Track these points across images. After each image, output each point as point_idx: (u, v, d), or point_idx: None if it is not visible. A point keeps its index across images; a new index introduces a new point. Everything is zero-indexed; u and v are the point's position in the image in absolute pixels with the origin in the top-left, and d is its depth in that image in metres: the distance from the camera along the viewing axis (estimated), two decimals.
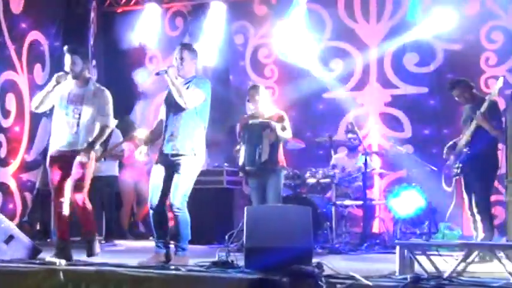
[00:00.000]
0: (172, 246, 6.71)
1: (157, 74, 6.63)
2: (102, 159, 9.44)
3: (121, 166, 10.56)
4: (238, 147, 8.42)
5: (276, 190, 8.17)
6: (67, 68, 6.79)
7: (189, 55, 6.71)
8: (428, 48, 10.82)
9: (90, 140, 6.72)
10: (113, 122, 7.00)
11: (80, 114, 6.70)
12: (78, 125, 6.70)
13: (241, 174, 9.00)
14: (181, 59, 6.67)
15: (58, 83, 6.73)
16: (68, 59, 6.80)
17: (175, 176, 6.50)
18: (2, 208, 9.72)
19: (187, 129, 6.57)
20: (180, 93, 6.46)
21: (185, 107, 6.50)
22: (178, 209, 6.44)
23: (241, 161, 8.28)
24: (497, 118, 7.45)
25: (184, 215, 6.51)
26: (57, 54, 10.78)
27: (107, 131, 6.93)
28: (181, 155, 6.52)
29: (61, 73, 6.75)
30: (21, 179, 10.36)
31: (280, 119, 8.32)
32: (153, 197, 6.63)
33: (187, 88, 6.60)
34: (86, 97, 6.77)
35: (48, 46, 10.93)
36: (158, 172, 6.68)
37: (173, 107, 6.63)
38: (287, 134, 8.30)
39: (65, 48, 6.92)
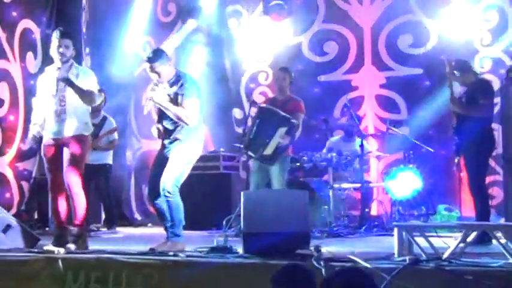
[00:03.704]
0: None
1: (147, 108, 6.63)
2: (91, 149, 9.38)
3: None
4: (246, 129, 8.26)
5: (279, 178, 8.09)
6: (56, 51, 6.64)
7: (161, 64, 6.50)
8: (423, 29, 10.78)
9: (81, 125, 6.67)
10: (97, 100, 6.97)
11: (65, 101, 6.59)
12: (65, 112, 6.59)
13: (244, 156, 8.95)
14: (157, 73, 6.50)
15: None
16: (60, 42, 6.65)
17: (168, 162, 6.47)
18: None
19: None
20: (176, 116, 6.42)
21: (190, 126, 6.48)
22: (169, 193, 6.37)
23: (245, 144, 8.18)
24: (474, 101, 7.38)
25: (176, 200, 6.46)
26: (49, 42, 10.74)
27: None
28: (177, 143, 6.51)
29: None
30: (18, 168, 10.34)
31: (296, 108, 8.25)
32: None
33: (175, 92, 6.49)
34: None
35: (40, 34, 10.87)
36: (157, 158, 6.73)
37: None
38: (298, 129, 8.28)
39: (58, 31, 6.74)
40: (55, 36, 6.66)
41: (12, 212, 9.49)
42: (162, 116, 6.66)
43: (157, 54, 6.58)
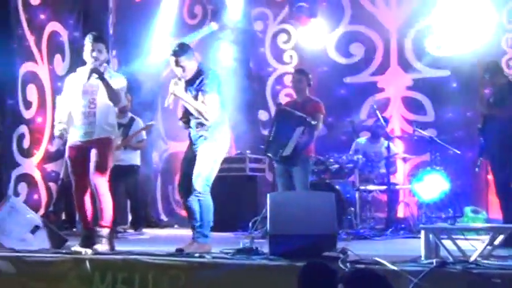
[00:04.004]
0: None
1: (169, 102, 6.53)
2: (122, 148, 9.48)
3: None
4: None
5: (302, 182, 8.07)
6: (89, 55, 6.69)
7: (187, 58, 6.49)
8: (450, 31, 10.71)
9: (109, 128, 6.71)
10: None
11: (95, 104, 6.64)
12: (94, 114, 6.62)
13: (268, 159, 8.98)
14: (182, 67, 6.48)
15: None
16: (93, 46, 6.64)
17: (197, 161, 6.47)
18: (27, 199, 9.79)
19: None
20: (197, 110, 6.42)
21: (208, 122, 6.46)
22: (200, 193, 6.38)
23: (266, 146, 8.21)
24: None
25: (207, 201, 6.47)
26: (77, 45, 10.85)
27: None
28: (203, 141, 6.51)
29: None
30: (46, 170, 10.42)
31: (315, 108, 8.25)
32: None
33: (197, 87, 6.48)
34: (101, 86, 6.61)
35: (67, 36, 10.95)
36: (185, 157, 6.72)
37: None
38: (318, 129, 8.23)
39: (91, 35, 6.78)
40: (88, 40, 6.69)
41: (40, 213, 9.56)
42: (187, 111, 6.69)
43: (183, 49, 6.55)
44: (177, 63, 6.48)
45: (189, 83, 6.53)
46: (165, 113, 12.15)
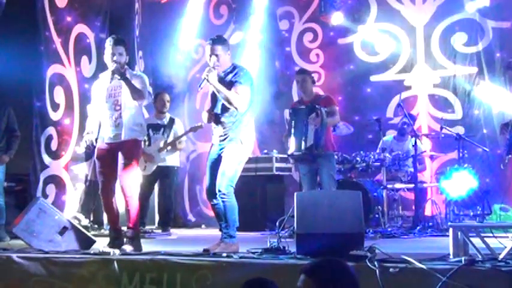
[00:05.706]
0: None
1: (201, 87, 6.61)
2: (165, 150, 9.59)
3: None
4: (286, 133, 8.36)
5: (329, 175, 8.10)
6: (110, 58, 6.72)
7: (222, 49, 6.57)
8: (477, 27, 10.64)
9: (136, 128, 6.74)
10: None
11: (120, 105, 6.69)
12: (120, 116, 6.68)
13: (291, 160, 8.99)
14: (217, 55, 6.54)
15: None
16: (114, 50, 6.74)
17: (222, 162, 6.50)
18: (56, 200, 9.83)
19: (233, 118, 6.56)
20: (228, 99, 6.44)
21: (238, 111, 6.49)
22: (224, 194, 6.41)
23: (289, 147, 8.23)
24: None
25: (231, 201, 6.48)
26: (103, 46, 10.86)
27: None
28: (228, 142, 6.53)
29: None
30: (73, 171, 10.45)
31: (327, 103, 8.25)
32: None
33: (230, 80, 6.54)
34: (124, 86, 6.67)
35: (94, 38, 10.99)
36: (211, 159, 6.72)
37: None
38: (335, 119, 8.24)
39: (112, 39, 6.85)
40: (108, 43, 6.76)
41: (69, 214, 9.60)
42: (213, 108, 6.70)
43: (221, 39, 6.71)
44: (213, 51, 6.56)
45: (223, 77, 6.58)
46: (192, 114, 12.18)
